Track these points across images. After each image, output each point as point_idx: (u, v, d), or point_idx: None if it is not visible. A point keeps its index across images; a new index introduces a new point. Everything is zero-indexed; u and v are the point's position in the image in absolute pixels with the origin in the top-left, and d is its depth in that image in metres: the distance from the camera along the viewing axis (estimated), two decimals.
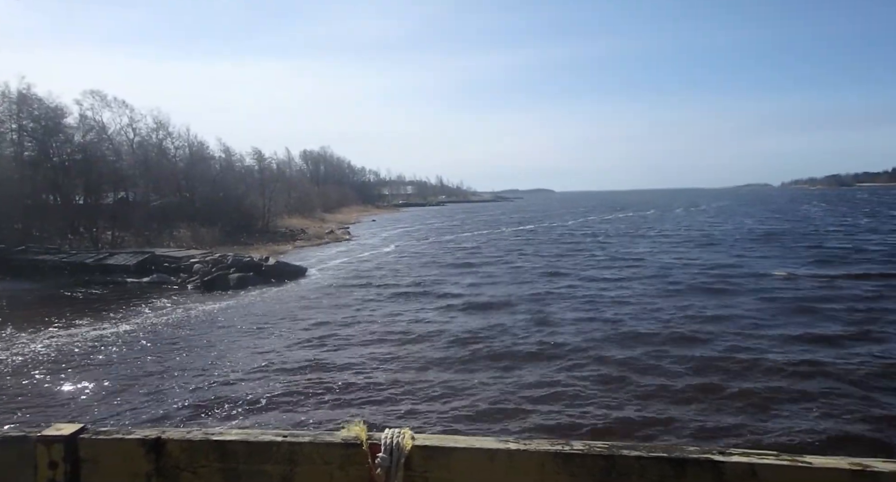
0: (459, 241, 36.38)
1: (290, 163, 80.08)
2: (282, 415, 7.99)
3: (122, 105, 35.04)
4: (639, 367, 9.43)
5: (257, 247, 30.81)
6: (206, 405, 8.47)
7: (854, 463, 1.40)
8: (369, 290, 18.02)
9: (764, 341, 10.78)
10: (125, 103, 35.24)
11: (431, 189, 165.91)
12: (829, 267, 20.01)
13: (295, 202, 53.00)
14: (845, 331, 11.30)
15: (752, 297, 14.90)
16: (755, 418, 7.41)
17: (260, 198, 40.39)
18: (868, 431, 6.96)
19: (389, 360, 10.34)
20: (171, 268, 23.60)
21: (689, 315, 13.09)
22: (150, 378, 9.83)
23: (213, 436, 1.68)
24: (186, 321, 14.84)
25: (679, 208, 77.01)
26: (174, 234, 30.79)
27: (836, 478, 1.38)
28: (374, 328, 12.86)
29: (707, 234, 34.61)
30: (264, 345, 11.77)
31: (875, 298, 14.45)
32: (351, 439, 1.60)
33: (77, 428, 1.72)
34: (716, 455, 1.45)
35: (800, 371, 9.00)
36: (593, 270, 21.10)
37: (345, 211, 73.17)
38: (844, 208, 64.40)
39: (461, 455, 1.54)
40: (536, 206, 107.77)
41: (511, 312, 14.15)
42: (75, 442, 1.68)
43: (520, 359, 10.14)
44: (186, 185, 35.98)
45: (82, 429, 1.73)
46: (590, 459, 1.48)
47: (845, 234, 32.07)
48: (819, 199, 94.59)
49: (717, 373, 9.03)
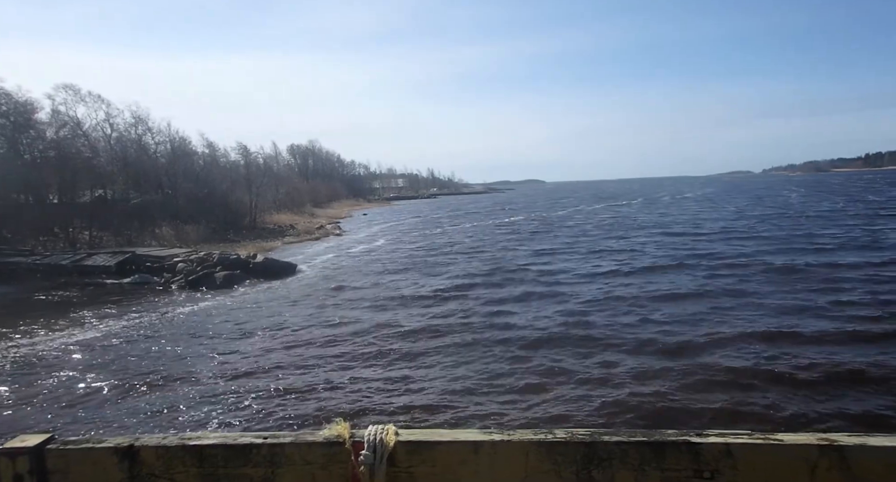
0: (449, 233, 35.70)
1: (278, 157, 78.87)
2: (263, 417, 7.51)
3: (98, 99, 33.58)
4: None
5: (244, 244, 29.84)
6: (182, 411, 7.93)
7: (822, 438, 1.44)
8: (358, 288, 17.15)
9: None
10: (101, 97, 33.79)
11: (423, 182, 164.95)
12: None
13: (283, 197, 51.85)
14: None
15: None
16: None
17: (246, 194, 39.24)
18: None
19: (374, 359, 9.79)
20: (154, 268, 22.61)
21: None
22: (124, 384, 9.06)
23: (189, 441, 1.63)
24: (168, 322, 13.97)
25: (666, 196, 77.44)
26: (156, 233, 29.55)
27: (805, 452, 1.42)
28: (360, 327, 12.10)
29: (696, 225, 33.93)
30: (247, 346, 11.04)
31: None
32: (333, 438, 1.57)
33: (44, 438, 1.66)
34: (693, 437, 1.48)
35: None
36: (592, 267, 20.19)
37: (335, 205, 72.09)
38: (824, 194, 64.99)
39: (445, 448, 1.52)
40: (527, 198, 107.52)
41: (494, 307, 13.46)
42: (42, 453, 1.61)
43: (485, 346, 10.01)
44: (168, 181, 34.61)
45: (50, 439, 1.67)
46: (572, 446, 1.49)
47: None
48: (797, 185, 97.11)
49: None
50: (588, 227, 34.68)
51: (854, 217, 31.25)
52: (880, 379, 7.71)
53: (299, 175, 78.95)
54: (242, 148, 45.60)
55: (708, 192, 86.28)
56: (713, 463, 1.44)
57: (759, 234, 25.42)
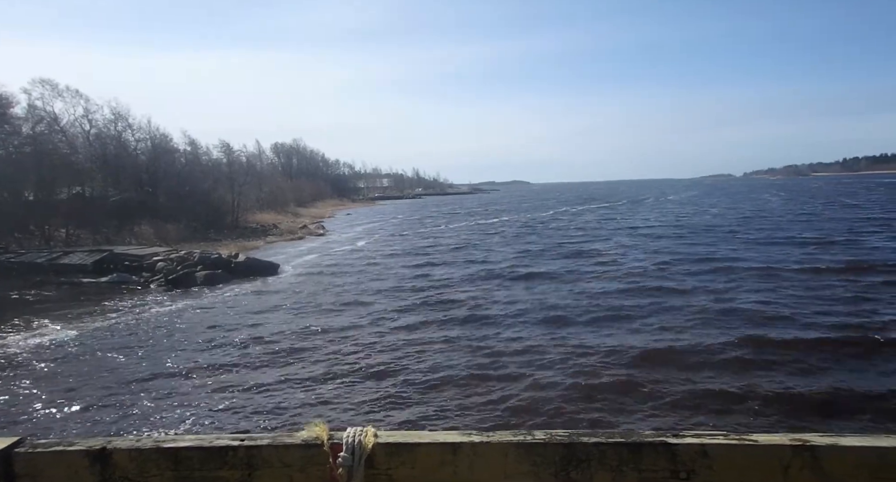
0: (433, 234, 35.53)
1: (261, 156, 78.18)
2: (239, 421, 7.38)
3: (76, 95, 32.84)
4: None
5: (226, 243, 29.49)
6: (155, 414, 7.77)
7: (794, 438, 1.47)
8: (341, 288, 16.98)
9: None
10: (79, 93, 33.05)
11: (408, 181, 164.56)
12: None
13: (266, 196, 51.39)
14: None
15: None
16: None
17: (229, 192, 38.77)
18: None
19: (349, 364, 9.61)
20: (133, 267, 22.22)
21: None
22: (96, 387, 8.85)
23: (164, 443, 1.59)
24: (145, 323, 13.71)
25: (650, 198, 77.99)
26: (136, 231, 29.06)
27: (778, 453, 1.45)
28: (338, 332, 11.89)
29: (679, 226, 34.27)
30: (224, 348, 10.84)
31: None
32: (312, 440, 1.55)
33: (12, 441, 1.61)
34: (670, 437, 1.49)
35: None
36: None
37: (319, 205, 71.61)
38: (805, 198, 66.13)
39: (425, 450, 1.52)
40: (512, 199, 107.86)
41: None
42: (9, 456, 1.57)
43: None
44: (149, 179, 34.07)
45: (18, 442, 1.61)
46: (551, 448, 1.50)
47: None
48: (778, 189, 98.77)
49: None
50: (571, 230, 34.81)
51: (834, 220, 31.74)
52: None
53: (283, 174, 78.29)
54: (225, 146, 45.19)
55: (692, 194, 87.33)
56: (689, 463, 1.46)
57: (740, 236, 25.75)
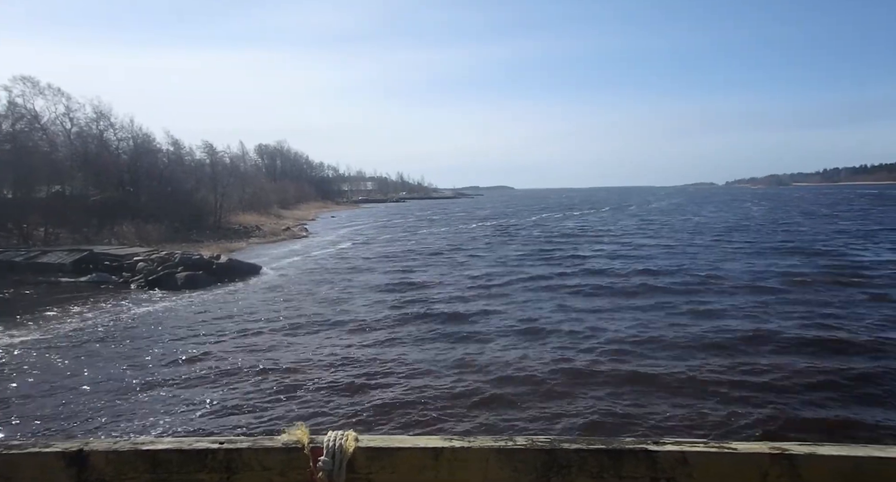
0: (416, 238, 35.66)
1: (245, 157, 77.73)
2: (216, 426, 7.30)
3: (58, 93, 32.48)
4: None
5: (208, 244, 29.33)
6: (129, 418, 7.65)
7: (773, 447, 1.49)
8: (322, 291, 16.95)
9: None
10: (60, 91, 32.69)
11: (392, 185, 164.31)
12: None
13: (249, 198, 51.08)
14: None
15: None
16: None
17: (211, 193, 38.54)
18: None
19: (332, 364, 9.62)
20: (113, 267, 22.07)
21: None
22: (67, 389, 8.76)
23: (142, 445, 1.56)
24: (122, 324, 13.61)
25: (633, 205, 78.94)
26: (116, 231, 28.80)
27: (757, 460, 1.47)
28: (321, 332, 11.95)
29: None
30: (200, 352, 10.73)
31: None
32: (292, 443, 1.54)
33: None
34: (650, 445, 1.51)
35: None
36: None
37: (303, 207, 71.30)
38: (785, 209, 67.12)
39: (406, 454, 1.52)
40: (497, 203, 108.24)
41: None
42: None
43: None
44: (130, 178, 33.77)
45: None
46: (532, 454, 1.51)
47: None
48: (760, 198, 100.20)
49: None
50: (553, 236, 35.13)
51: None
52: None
53: (267, 175, 77.78)
54: (208, 146, 44.85)
55: (674, 202, 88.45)
56: (669, 470, 1.48)
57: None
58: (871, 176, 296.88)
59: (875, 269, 17.79)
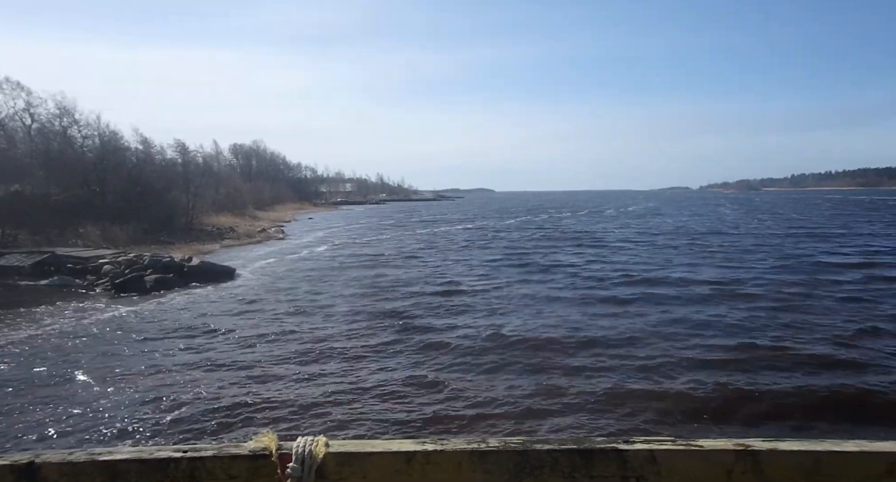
0: (395, 240, 34.89)
1: (219, 157, 75.98)
2: (180, 434, 6.90)
3: (17, 87, 31.06)
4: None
5: (180, 246, 28.19)
6: (87, 427, 7.16)
7: (738, 444, 1.52)
8: (298, 295, 16.13)
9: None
10: (20, 85, 31.26)
11: (372, 187, 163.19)
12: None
13: (223, 199, 49.73)
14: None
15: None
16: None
17: (183, 193, 37.20)
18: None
19: (304, 370, 9.14)
20: (77, 270, 20.94)
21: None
22: (17, 401, 8.00)
23: (99, 455, 1.48)
24: (83, 329, 12.70)
25: (610, 209, 79.63)
26: (81, 233, 27.42)
27: (722, 457, 1.49)
28: (294, 337, 11.34)
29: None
30: (169, 357, 10.14)
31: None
32: (259, 450, 1.48)
33: None
34: (620, 444, 1.52)
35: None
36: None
37: (279, 208, 69.93)
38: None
39: (377, 459, 1.49)
40: (476, 206, 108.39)
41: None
42: None
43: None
44: (96, 178, 32.27)
45: None
46: (505, 455, 1.50)
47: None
48: (731, 202, 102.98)
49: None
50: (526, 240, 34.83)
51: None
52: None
53: (242, 176, 76.24)
54: (180, 145, 43.49)
55: (650, 206, 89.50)
56: (639, 469, 1.49)
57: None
58: (836, 181, 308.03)
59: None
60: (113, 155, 34.60)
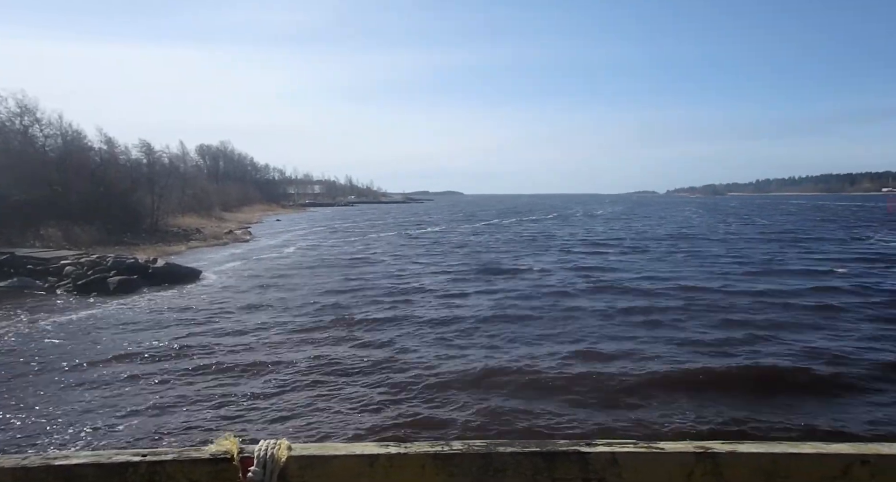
0: (362, 242, 35.18)
1: (185, 157, 74.89)
2: (139, 440, 6.88)
3: None
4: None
5: (144, 247, 28.03)
6: (41, 434, 7.08)
7: (698, 446, 1.55)
8: (263, 298, 16.21)
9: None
10: None
11: (340, 189, 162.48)
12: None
13: (190, 200, 49.24)
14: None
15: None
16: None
17: (148, 194, 36.86)
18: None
19: (266, 374, 9.27)
20: (37, 271, 20.67)
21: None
22: None
23: (54, 460, 1.46)
24: (40, 332, 12.59)
25: (579, 212, 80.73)
26: (42, 234, 27.05)
27: (683, 459, 1.52)
28: (256, 341, 11.44)
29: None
30: (129, 360, 10.14)
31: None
32: (221, 454, 1.48)
33: None
34: (583, 446, 1.54)
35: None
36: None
37: (246, 210, 69.42)
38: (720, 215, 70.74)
39: (340, 462, 1.49)
40: (445, 209, 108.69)
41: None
42: None
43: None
44: (59, 178, 31.81)
45: None
46: (468, 458, 1.51)
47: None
48: (697, 206, 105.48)
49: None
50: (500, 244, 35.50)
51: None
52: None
53: (209, 177, 75.36)
54: (145, 145, 42.95)
55: (618, 210, 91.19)
56: (601, 471, 1.51)
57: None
58: (799, 187, 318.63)
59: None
60: (76, 154, 34.12)
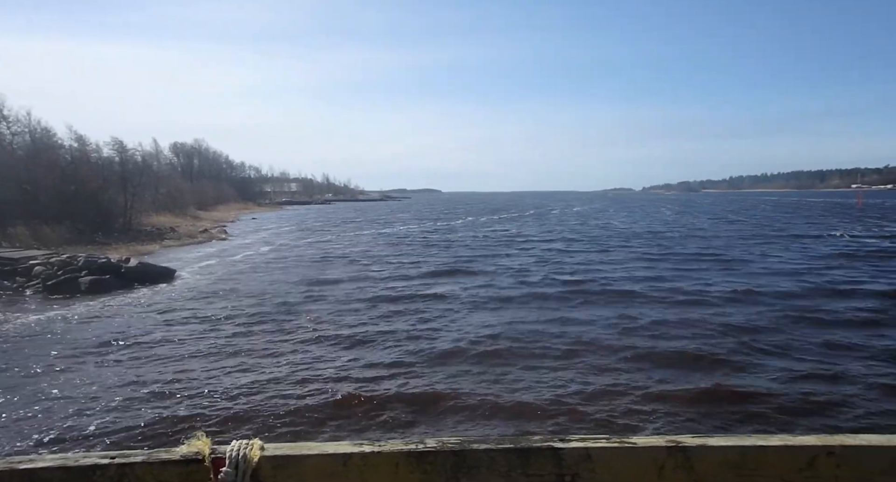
0: (339, 241, 35.07)
1: (159, 155, 73.85)
2: (110, 444, 6.76)
3: None
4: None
5: (117, 247, 27.68)
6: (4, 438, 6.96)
7: (669, 440, 1.57)
8: (238, 298, 16.10)
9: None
10: None
11: (317, 187, 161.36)
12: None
13: (164, 198, 48.60)
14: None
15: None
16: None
17: (121, 193, 36.33)
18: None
19: (240, 374, 9.24)
20: (4, 272, 20.29)
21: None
22: None
23: (19, 464, 1.42)
24: (4, 335, 12.34)
25: (556, 210, 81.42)
26: (10, 234, 26.55)
27: (654, 454, 1.55)
28: (233, 342, 11.32)
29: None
30: (100, 360, 10.06)
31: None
32: (192, 455, 1.45)
33: None
34: (556, 442, 1.55)
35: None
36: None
37: (222, 208, 68.59)
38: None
39: (314, 462, 1.48)
40: (423, 207, 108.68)
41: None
42: None
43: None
44: (28, 176, 31.22)
45: None
46: (442, 456, 1.51)
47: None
48: (673, 203, 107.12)
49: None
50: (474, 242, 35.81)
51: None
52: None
53: (183, 175, 74.31)
54: (118, 143, 42.22)
55: (595, 207, 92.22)
56: (574, 466, 1.53)
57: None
58: (771, 184, 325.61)
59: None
60: (45, 152, 33.50)
